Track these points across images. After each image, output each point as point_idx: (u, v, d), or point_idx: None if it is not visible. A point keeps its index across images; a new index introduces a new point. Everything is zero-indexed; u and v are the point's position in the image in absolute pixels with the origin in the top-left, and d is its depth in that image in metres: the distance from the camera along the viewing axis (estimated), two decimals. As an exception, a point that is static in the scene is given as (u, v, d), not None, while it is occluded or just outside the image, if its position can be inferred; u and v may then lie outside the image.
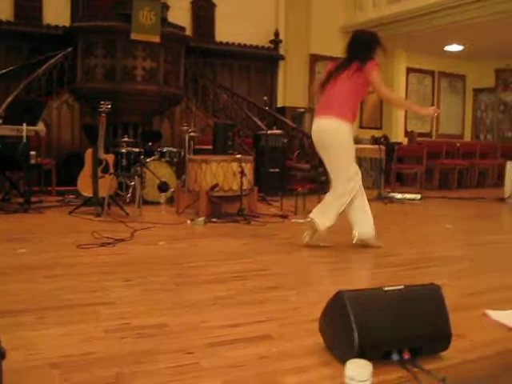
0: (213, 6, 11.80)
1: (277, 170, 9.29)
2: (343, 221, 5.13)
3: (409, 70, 14.68)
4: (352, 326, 2.32)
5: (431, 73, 15.47)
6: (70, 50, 9.44)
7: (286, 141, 9.77)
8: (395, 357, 2.36)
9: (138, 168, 7.43)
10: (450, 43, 13.36)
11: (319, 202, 5.65)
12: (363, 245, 5.08)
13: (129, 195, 7.76)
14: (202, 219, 6.35)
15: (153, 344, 2.57)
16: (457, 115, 16.12)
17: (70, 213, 6.70)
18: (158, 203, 7.78)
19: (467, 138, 16.12)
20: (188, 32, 10.94)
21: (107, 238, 5.14)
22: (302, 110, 12.34)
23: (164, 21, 9.68)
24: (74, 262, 4.24)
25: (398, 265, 4.59)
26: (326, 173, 5.32)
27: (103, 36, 9.27)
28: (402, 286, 2.57)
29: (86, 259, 4.36)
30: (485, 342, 2.72)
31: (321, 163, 5.66)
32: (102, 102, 6.95)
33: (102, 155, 6.97)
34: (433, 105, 15.47)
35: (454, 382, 2.26)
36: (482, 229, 6.89)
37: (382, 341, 2.37)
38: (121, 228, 5.79)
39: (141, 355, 2.42)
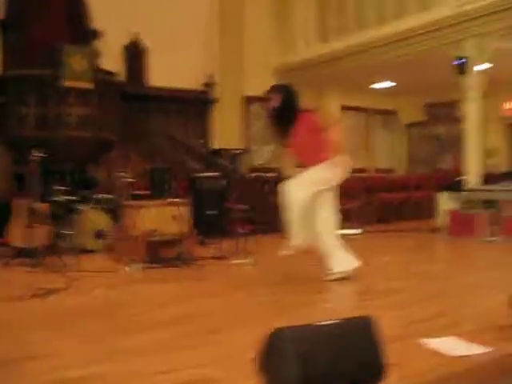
0: (145, 50, 11.83)
1: (215, 212, 9.27)
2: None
3: (343, 108, 14.95)
4: (290, 364, 2.31)
5: (364, 110, 15.82)
6: (1, 98, 9.29)
7: (224, 182, 9.78)
8: (334, 393, 2.36)
9: (74, 216, 7.31)
10: (381, 80, 13.72)
11: (258, 242, 5.76)
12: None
13: (66, 244, 7.60)
14: (140, 265, 6.27)
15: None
16: (391, 150, 16.50)
17: (5, 265, 6.50)
18: (95, 251, 7.64)
19: (402, 171, 16.49)
20: (121, 77, 10.92)
21: (42, 289, 5.00)
22: (239, 151, 12.40)
23: (96, 67, 9.65)
24: (5, 316, 4.12)
25: (338, 299, 4.63)
26: (264, 213, 5.42)
27: (35, 84, 9.16)
28: (336, 321, 2.59)
29: (18, 312, 4.24)
30: (422, 370, 2.77)
31: (260, 203, 5.78)
32: (34, 151, 6.84)
33: (37, 204, 6.83)
34: (367, 140, 15.82)
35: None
36: (418, 260, 7.06)
37: (320, 377, 2.37)
38: (57, 278, 5.65)
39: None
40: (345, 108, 15.07)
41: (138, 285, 5.62)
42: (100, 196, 8.30)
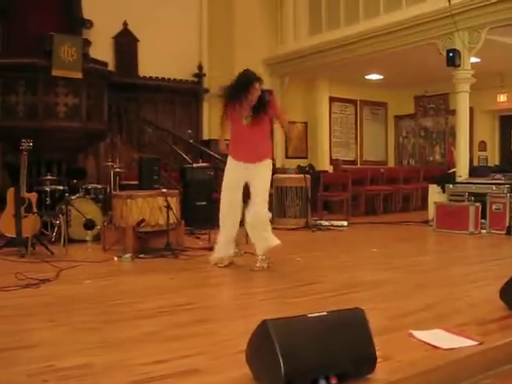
0: (135, 40, 11.81)
1: (204, 202, 9.28)
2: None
3: (331, 100, 14.98)
4: (277, 355, 2.33)
5: (353, 101, 15.85)
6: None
7: (211, 173, 9.78)
8: (323, 383, 2.38)
9: (63, 206, 7.30)
10: (370, 73, 13.75)
11: (247, 232, 5.76)
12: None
13: (54, 234, 7.57)
14: (129, 255, 6.27)
15: (77, 385, 2.52)
16: (380, 142, 16.54)
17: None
18: (84, 241, 7.62)
19: (391, 163, 16.53)
20: (111, 67, 10.88)
21: (31, 278, 5.00)
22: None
23: (86, 56, 9.61)
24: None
25: (326, 291, 4.65)
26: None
27: (24, 73, 9.11)
28: (325, 312, 2.61)
29: (8, 302, 4.24)
30: (410, 362, 2.79)
31: (248, 195, 5.77)
32: (24, 140, 6.82)
33: (25, 194, 6.81)
34: (356, 132, 15.83)
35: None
36: (406, 251, 7.10)
37: (308, 368, 2.40)
38: (46, 268, 5.63)
39: (64, 398, 2.37)
40: (333, 99, 15.11)
41: (127, 275, 5.63)
42: (89, 186, 8.30)
